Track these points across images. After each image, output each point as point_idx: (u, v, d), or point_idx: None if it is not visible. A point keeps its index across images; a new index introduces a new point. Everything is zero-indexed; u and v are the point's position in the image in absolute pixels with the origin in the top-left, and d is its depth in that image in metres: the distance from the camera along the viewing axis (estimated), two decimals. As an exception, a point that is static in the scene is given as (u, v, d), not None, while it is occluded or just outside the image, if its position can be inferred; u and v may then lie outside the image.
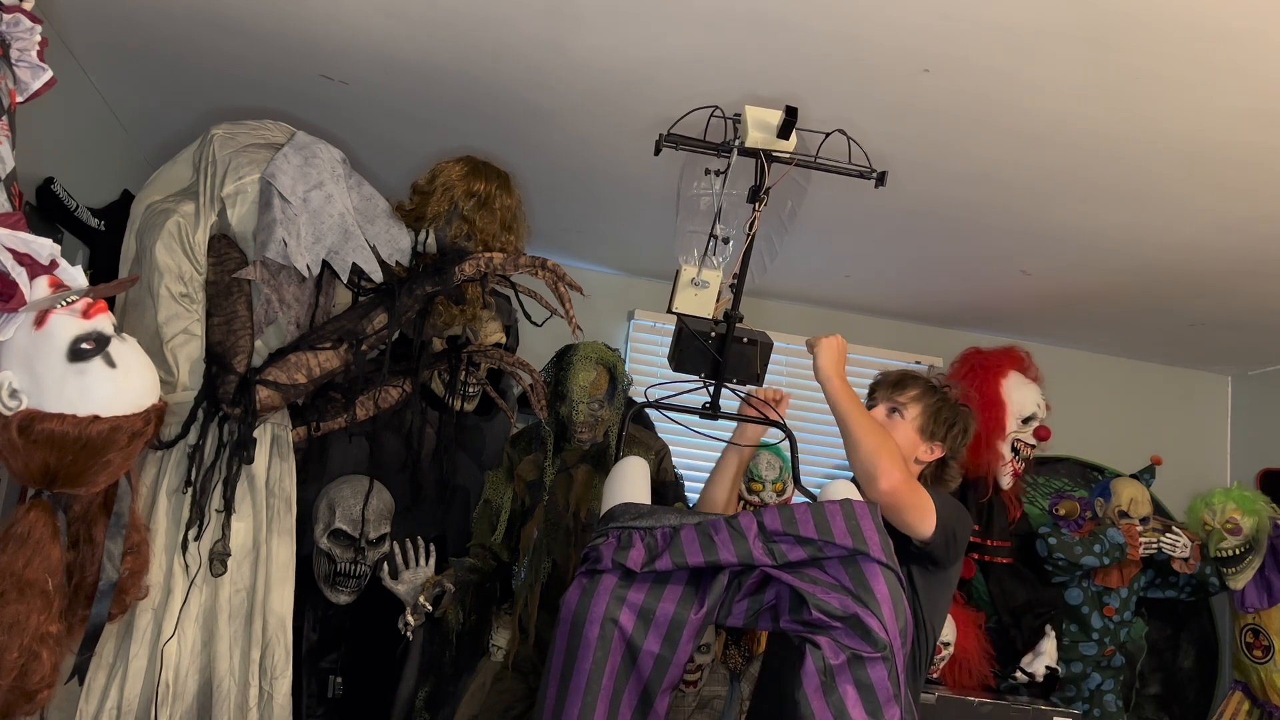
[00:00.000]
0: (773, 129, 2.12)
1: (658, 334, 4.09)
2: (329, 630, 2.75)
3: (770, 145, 2.12)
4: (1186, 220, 2.91)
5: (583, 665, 1.77)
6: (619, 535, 1.89)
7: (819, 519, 1.84)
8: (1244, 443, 4.50)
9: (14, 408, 1.53)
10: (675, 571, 1.84)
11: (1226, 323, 3.81)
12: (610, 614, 1.79)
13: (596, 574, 1.86)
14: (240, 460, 2.17)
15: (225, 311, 2.22)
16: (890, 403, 2.24)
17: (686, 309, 2.20)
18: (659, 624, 1.79)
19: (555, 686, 1.80)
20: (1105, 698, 3.56)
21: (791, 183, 2.22)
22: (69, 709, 2.02)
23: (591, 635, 1.77)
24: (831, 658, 1.72)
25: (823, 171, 2.20)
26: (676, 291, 2.20)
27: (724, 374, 2.23)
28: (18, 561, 1.54)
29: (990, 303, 3.95)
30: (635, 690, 1.79)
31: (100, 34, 2.51)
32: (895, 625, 1.76)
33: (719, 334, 2.22)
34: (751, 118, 2.13)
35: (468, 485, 3.17)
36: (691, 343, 2.21)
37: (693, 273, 2.18)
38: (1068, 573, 3.47)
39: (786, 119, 2.09)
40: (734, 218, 2.18)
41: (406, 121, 2.86)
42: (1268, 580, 3.56)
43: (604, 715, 1.76)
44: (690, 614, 1.81)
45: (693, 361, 2.23)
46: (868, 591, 1.76)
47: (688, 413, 2.28)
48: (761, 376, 2.29)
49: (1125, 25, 2.00)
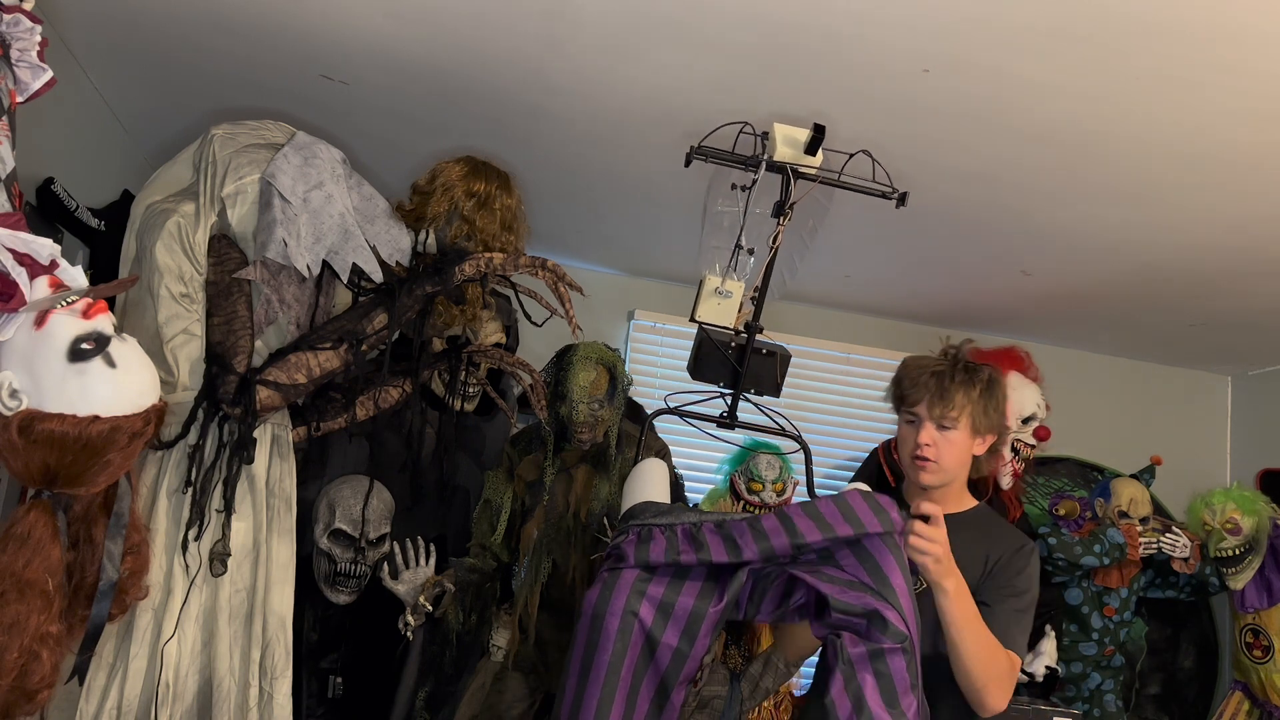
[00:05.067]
0: (800, 145, 2.17)
1: (658, 334, 4.09)
2: (329, 630, 2.75)
3: (797, 161, 2.18)
4: (1186, 220, 2.91)
5: (602, 657, 1.79)
6: (639, 531, 1.91)
7: (817, 518, 1.84)
8: (1244, 443, 4.50)
9: (14, 408, 1.53)
10: (696, 567, 1.86)
11: (1226, 323, 3.81)
12: (630, 607, 1.81)
13: (618, 570, 1.88)
14: (240, 460, 2.17)
15: (225, 311, 2.22)
16: (940, 420, 2.10)
17: (709, 318, 2.25)
18: (678, 617, 1.81)
19: (575, 678, 1.82)
20: (1105, 698, 3.56)
21: (814, 201, 2.27)
22: (69, 709, 2.02)
23: (611, 627, 1.80)
24: (851, 648, 1.74)
25: (846, 190, 2.25)
26: (700, 300, 2.25)
27: (742, 384, 2.27)
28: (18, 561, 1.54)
29: (990, 303, 3.95)
30: (653, 682, 1.82)
31: (100, 34, 2.51)
32: (914, 616, 1.78)
33: (738, 344, 2.25)
34: (780, 134, 2.19)
35: (468, 485, 3.17)
36: (712, 352, 2.24)
37: (716, 282, 2.23)
38: (1068, 573, 3.47)
39: (814, 136, 2.14)
40: (757, 232, 2.23)
41: (407, 122, 2.86)
42: (1268, 580, 3.56)
43: (622, 706, 1.78)
44: (709, 607, 1.83)
45: (713, 370, 2.27)
46: (885, 583, 1.78)
47: (705, 420, 2.31)
48: (779, 388, 2.31)
49: (1125, 25, 2.00)
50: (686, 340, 2.71)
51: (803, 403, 4.16)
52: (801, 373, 4.18)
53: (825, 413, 4.24)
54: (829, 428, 4.22)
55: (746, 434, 2.41)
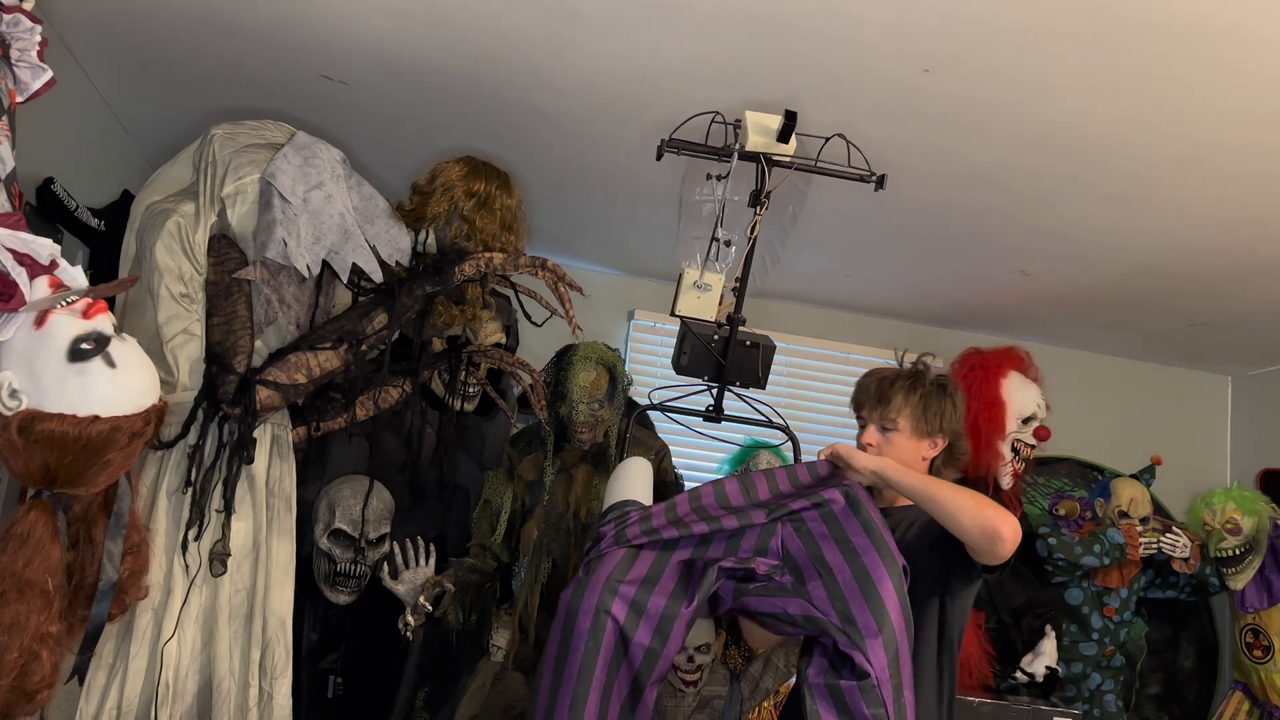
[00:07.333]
0: (772, 133, 2.14)
1: (658, 334, 4.09)
2: (329, 630, 2.75)
3: (770, 149, 2.15)
4: (1186, 220, 2.91)
5: (575, 656, 1.81)
6: (617, 520, 1.95)
7: (770, 479, 1.97)
8: (1244, 443, 4.50)
9: (14, 408, 1.53)
10: (667, 569, 1.89)
11: (1226, 323, 3.81)
12: (603, 605, 1.83)
13: (592, 567, 1.90)
14: (240, 460, 2.17)
15: (225, 311, 2.22)
16: (880, 422, 2.17)
17: (689, 312, 2.23)
18: (650, 616, 1.84)
19: (550, 677, 1.84)
20: (1105, 698, 3.56)
21: (792, 188, 2.24)
22: (69, 709, 2.02)
23: (584, 626, 1.82)
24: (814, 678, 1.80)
25: (823, 175, 2.22)
26: (679, 295, 2.23)
27: (727, 376, 2.25)
28: (18, 561, 1.55)
29: (990, 303, 3.95)
30: (626, 680, 1.84)
31: (100, 34, 2.51)
32: (904, 628, 1.78)
33: (722, 337, 2.23)
34: (751, 122, 2.16)
35: (468, 485, 3.17)
36: (695, 346, 2.23)
37: (695, 276, 2.20)
38: (1068, 573, 3.47)
39: (786, 123, 2.12)
40: (735, 222, 2.21)
41: (406, 122, 2.86)
42: (1268, 580, 3.56)
43: (596, 705, 1.80)
44: (681, 609, 1.85)
45: (696, 364, 2.26)
46: (874, 597, 1.78)
47: (691, 415, 2.29)
48: (764, 379, 2.31)
49: (1125, 25, 2.00)
50: (686, 340, 2.71)
51: (803, 403, 4.16)
52: (801, 373, 4.18)
53: (825, 413, 4.23)
54: (829, 428, 4.22)
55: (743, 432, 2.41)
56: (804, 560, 1.87)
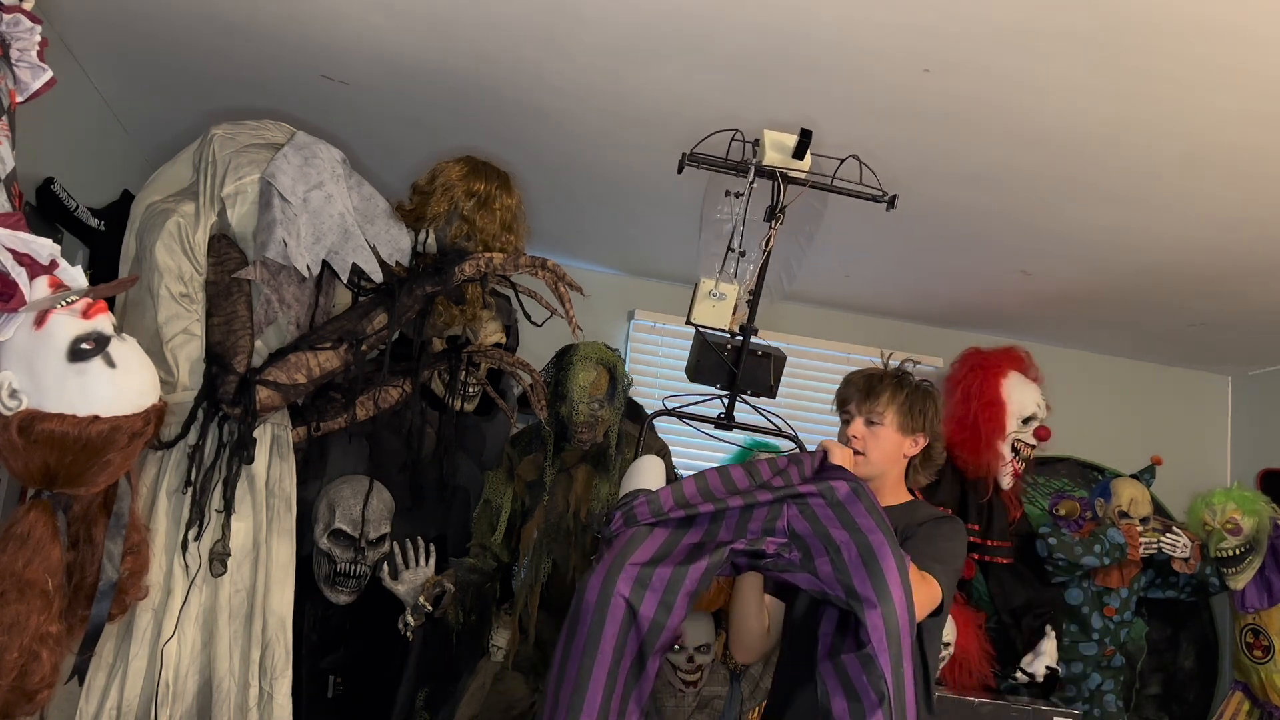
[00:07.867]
0: (789, 150, 2.23)
1: (658, 334, 4.09)
2: (329, 630, 2.75)
3: (786, 165, 2.24)
4: (1186, 220, 2.91)
5: (582, 630, 1.86)
6: (624, 507, 1.98)
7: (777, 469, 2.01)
8: (1244, 443, 4.50)
9: (14, 408, 1.53)
10: (676, 550, 1.93)
11: (1226, 323, 3.81)
12: (610, 580, 1.87)
13: (604, 550, 1.96)
14: (240, 460, 2.17)
15: (225, 311, 2.22)
16: (867, 415, 2.22)
17: (704, 320, 2.30)
18: (655, 587, 1.87)
19: (560, 653, 1.89)
20: (1105, 698, 3.56)
21: (809, 207, 2.33)
22: (69, 709, 2.02)
23: (590, 600, 1.87)
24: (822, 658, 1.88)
25: (837, 194, 2.30)
26: (695, 302, 2.29)
27: (739, 385, 2.32)
28: (18, 561, 1.54)
29: (990, 303, 3.95)
30: (634, 650, 1.87)
31: (100, 34, 2.51)
32: (906, 611, 1.82)
33: (735, 347, 2.30)
34: (769, 140, 2.25)
35: (468, 485, 3.17)
36: (709, 354, 2.31)
37: (710, 285, 2.27)
38: (1068, 573, 3.47)
39: (801, 140, 2.21)
40: (752, 237, 2.29)
41: (406, 121, 2.86)
42: (1268, 580, 3.56)
43: (604, 676, 1.84)
44: (686, 576, 1.89)
45: (710, 372, 2.33)
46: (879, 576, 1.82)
47: (703, 421, 2.34)
48: (775, 389, 2.37)
49: (1125, 25, 2.00)
50: (686, 340, 2.71)
51: (803, 403, 4.16)
52: (801, 373, 4.18)
53: (825, 413, 4.23)
54: (829, 428, 4.21)
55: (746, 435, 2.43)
56: (811, 539, 1.92)
